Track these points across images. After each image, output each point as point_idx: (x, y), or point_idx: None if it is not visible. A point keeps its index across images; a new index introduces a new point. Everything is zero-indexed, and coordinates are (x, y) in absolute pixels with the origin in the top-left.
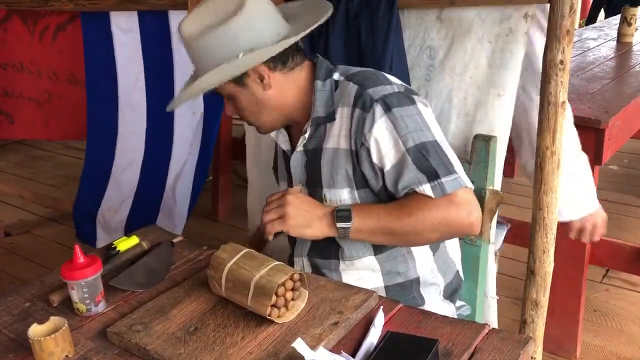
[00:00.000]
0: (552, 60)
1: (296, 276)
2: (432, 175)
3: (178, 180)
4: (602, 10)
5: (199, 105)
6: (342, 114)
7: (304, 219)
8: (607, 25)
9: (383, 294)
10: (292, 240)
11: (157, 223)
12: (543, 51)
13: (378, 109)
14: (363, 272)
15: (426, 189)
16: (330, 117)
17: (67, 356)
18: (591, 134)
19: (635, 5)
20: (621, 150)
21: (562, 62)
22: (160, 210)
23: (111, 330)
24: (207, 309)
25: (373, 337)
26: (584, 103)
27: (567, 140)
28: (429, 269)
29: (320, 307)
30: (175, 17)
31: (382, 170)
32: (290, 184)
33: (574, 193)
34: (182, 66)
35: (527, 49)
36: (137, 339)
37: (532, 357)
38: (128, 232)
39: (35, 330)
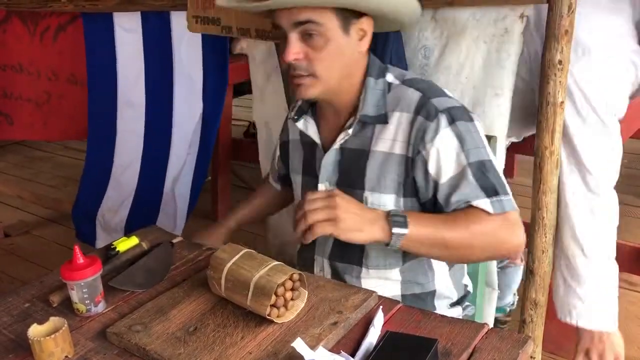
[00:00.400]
0: (550, 60)
1: (295, 276)
2: (492, 192)
3: (177, 181)
4: None
5: (198, 106)
6: (400, 119)
7: (355, 222)
8: None
9: (399, 299)
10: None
11: (157, 223)
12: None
13: (443, 120)
14: (382, 281)
15: (485, 203)
16: (382, 119)
17: (66, 356)
18: None
19: None
20: None
21: (560, 62)
22: (160, 211)
23: (111, 330)
24: (207, 309)
25: (372, 337)
26: None
27: (603, 238)
28: (445, 284)
29: (319, 307)
30: (176, 18)
31: (436, 181)
32: (309, 179)
33: (596, 301)
34: (181, 67)
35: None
36: (136, 339)
37: (531, 357)
38: (128, 232)
39: (35, 330)
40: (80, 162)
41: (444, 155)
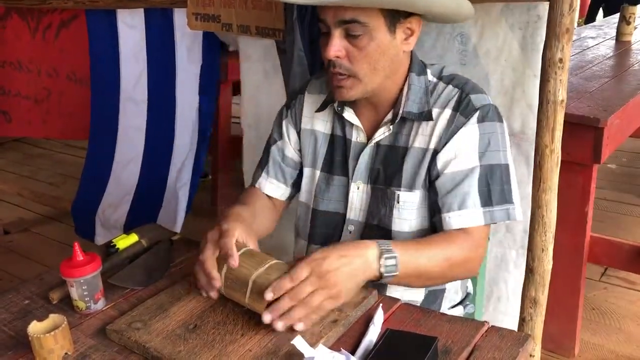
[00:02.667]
0: (551, 59)
1: None
2: (489, 201)
3: (180, 175)
4: (601, 9)
5: (195, 100)
6: (439, 116)
7: (351, 282)
8: (606, 24)
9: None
10: (336, 238)
11: (158, 219)
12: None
13: (476, 116)
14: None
15: (476, 215)
16: (427, 117)
17: (66, 353)
18: (590, 133)
19: (634, 4)
20: (620, 149)
21: (561, 60)
22: (162, 207)
23: (110, 327)
24: (207, 307)
25: (372, 334)
26: (582, 102)
27: None
28: (453, 285)
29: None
30: (180, 15)
31: (440, 171)
32: (334, 177)
33: None
34: (182, 62)
35: None
36: (136, 336)
37: (530, 355)
38: (128, 228)
39: (34, 327)
40: (80, 159)
41: (461, 148)
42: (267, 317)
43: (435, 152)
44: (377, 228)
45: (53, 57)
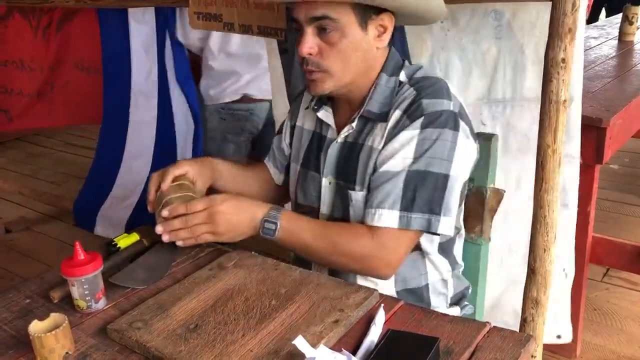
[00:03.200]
0: (553, 59)
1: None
2: (409, 206)
3: None
4: (603, 9)
5: (182, 95)
6: (393, 117)
7: (235, 231)
8: (609, 24)
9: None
10: None
11: None
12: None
13: (420, 120)
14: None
15: (390, 215)
16: (383, 118)
17: (67, 353)
18: (592, 133)
19: (637, 4)
20: (622, 149)
21: (564, 60)
22: None
23: (111, 327)
24: (208, 307)
25: (374, 335)
26: (585, 102)
27: None
28: (438, 278)
29: (320, 305)
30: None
31: (376, 168)
32: (310, 172)
33: None
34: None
35: None
36: (137, 336)
37: (532, 356)
38: (133, 224)
39: (35, 326)
40: (81, 158)
41: (397, 149)
42: (159, 229)
43: (378, 152)
44: (341, 221)
45: (56, 52)
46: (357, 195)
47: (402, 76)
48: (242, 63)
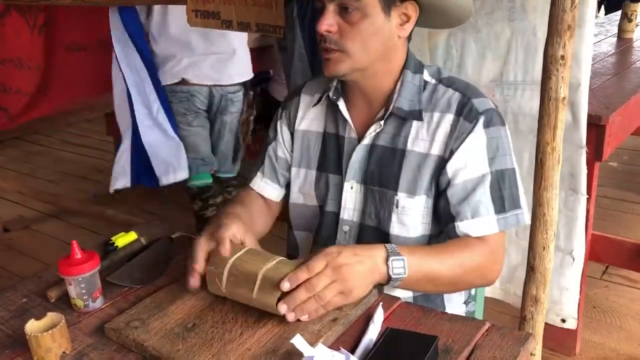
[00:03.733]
0: (553, 55)
1: None
2: (502, 207)
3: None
4: (602, 7)
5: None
6: (441, 120)
7: (361, 283)
8: (608, 22)
9: (411, 300)
10: (332, 238)
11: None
12: None
13: (481, 121)
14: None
15: (490, 222)
16: (416, 116)
17: (64, 352)
18: (592, 130)
19: (636, 2)
20: (621, 146)
21: (563, 57)
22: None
23: (109, 326)
24: (206, 305)
25: (372, 333)
26: None
27: None
28: None
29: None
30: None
31: (450, 180)
32: (330, 176)
33: None
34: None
35: None
36: (134, 335)
37: (531, 354)
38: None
39: (32, 326)
40: (80, 156)
41: (470, 155)
42: (282, 308)
43: (442, 160)
44: (375, 230)
45: (50, 46)
46: (408, 202)
47: (427, 75)
48: (181, 48)
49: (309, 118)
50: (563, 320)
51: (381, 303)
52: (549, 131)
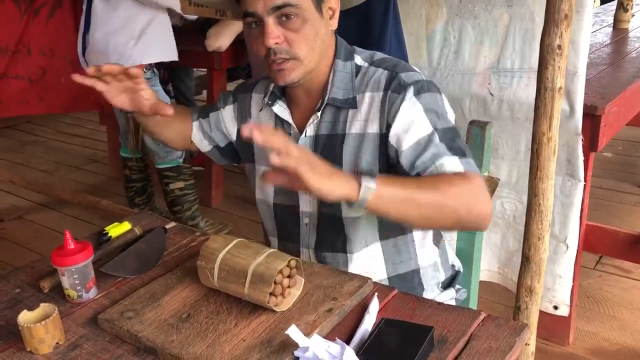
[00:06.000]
0: (549, 45)
1: (293, 262)
2: (461, 153)
3: None
4: None
5: None
6: (372, 99)
7: (326, 171)
8: (603, 12)
9: (386, 284)
10: (296, 232)
11: None
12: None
13: (410, 91)
14: (367, 264)
15: (454, 162)
16: (351, 103)
17: (57, 343)
18: (587, 121)
19: None
20: (616, 137)
21: (559, 47)
22: None
23: (102, 317)
24: (200, 296)
25: (368, 324)
26: None
27: None
28: (430, 261)
29: (314, 294)
30: None
31: (397, 149)
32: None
33: None
34: None
35: None
36: (128, 325)
37: (525, 344)
38: None
39: (25, 316)
40: (73, 146)
41: (408, 120)
42: (275, 159)
43: (380, 136)
44: (331, 217)
45: (47, 37)
46: None
47: (359, 60)
48: None
49: (260, 119)
50: (555, 307)
51: (376, 294)
52: (545, 121)
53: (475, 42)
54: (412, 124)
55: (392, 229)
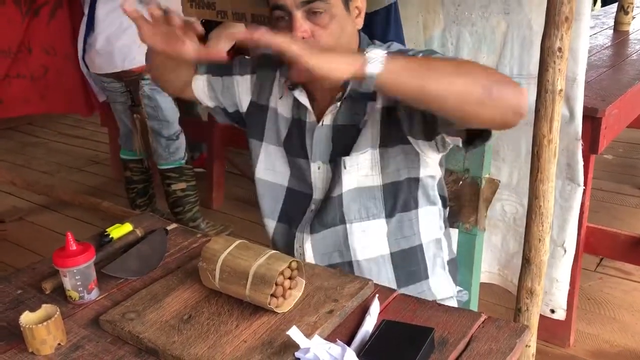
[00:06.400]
0: (550, 48)
1: (294, 264)
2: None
3: None
4: None
5: None
6: None
7: (329, 49)
8: (604, 14)
9: (389, 262)
10: (298, 218)
11: None
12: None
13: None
14: (368, 238)
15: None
16: (371, 96)
17: (59, 344)
18: (588, 123)
19: None
20: (616, 139)
21: (560, 49)
22: None
23: (104, 318)
24: (201, 297)
25: (368, 325)
26: None
27: None
28: (433, 237)
29: (315, 295)
30: None
31: (403, 111)
32: (297, 159)
33: None
34: None
35: None
36: (130, 327)
37: (526, 345)
38: None
39: (27, 318)
40: (74, 148)
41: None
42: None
43: (385, 109)
44: (331, 199)
45: (49, 36)
46: (354, 159)
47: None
48: None
49: (280, 101)
50: (552, 311)
51: (377, 295)
52: (546, 124)
53: (473, 48)
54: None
55: (397, 207)
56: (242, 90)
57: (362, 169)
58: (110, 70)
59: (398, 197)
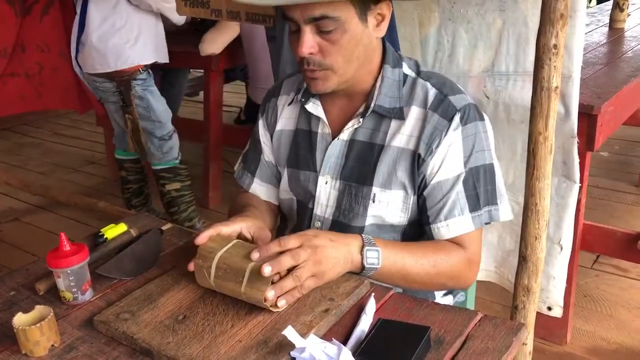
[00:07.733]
0: (545, 45)
1: None
2: (476, 204)
3: None
4: None
5: None
6: (417, 115)
7: (335, 268)
8: (599, 12)
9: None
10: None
11: None
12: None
13: (456, 119)
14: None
15: (466, 221)
16: (397, 114)
17: (53, 345)
18: (584, 120)
19: None
20: (612, 136)
21: (555, 46)
22: None
23: (98, 318)
24: (196, 297)
25: (364, 324)
26: None
27: None
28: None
29: (310, 294)
30: None
31: (426, 180)
32: (302, 172)
33: None
34: None
35: None
36: (124, 327)
37: (523, 343)
38: None
39: (20, 319)
40: (70, 148)
41: (446, 155)
42: (270, 294)
43: (416, 155)
44: (346, 227)
45: (42, 33)
46: (384, 196)
47: (406, 68)
48: None
49: (285, 117)
50: (549, 308)
51: (373, 294)
52: (541, 121)
53: (469, 46)
54: (445, 161)
55: (413, 238)
56: (262, 134)
57: (391, 208)
58: (102, 70)
59: (417, 233)
